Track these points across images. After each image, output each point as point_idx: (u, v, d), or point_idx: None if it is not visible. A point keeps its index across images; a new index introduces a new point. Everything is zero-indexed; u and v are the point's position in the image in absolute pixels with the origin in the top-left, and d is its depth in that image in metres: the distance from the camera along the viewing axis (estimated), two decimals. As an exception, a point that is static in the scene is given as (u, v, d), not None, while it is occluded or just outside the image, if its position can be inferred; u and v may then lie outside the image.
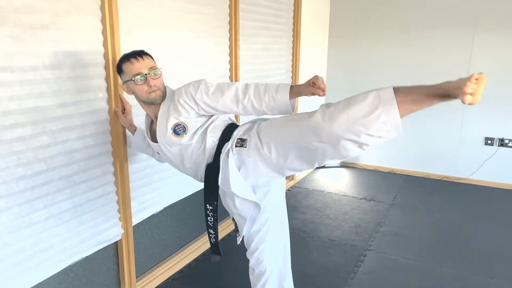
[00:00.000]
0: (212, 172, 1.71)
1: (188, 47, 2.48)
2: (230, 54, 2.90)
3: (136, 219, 2.26)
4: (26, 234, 1.70)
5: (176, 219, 2.64)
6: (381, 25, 4.33)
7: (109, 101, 2.00)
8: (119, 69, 1.73)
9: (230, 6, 2.82)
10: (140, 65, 1.67)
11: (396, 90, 1.37)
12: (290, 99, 1.57)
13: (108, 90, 1.99)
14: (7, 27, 1.54)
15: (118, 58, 1.97)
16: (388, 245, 2.94)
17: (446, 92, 1.32)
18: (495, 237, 3.05)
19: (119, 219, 2.15)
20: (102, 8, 1.90)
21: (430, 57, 4.17)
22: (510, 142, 4.00)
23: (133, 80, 1.67)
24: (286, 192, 3.92)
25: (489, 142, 4.09)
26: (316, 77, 1.55)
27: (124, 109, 2.05)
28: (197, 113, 1.70)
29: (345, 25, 4.52)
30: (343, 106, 1.42)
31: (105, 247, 2.13)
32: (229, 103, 1.63)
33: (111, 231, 2.10)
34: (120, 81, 2.00)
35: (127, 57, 1.69)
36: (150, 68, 1.69)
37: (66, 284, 1.96)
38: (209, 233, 1.84)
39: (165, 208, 2.50)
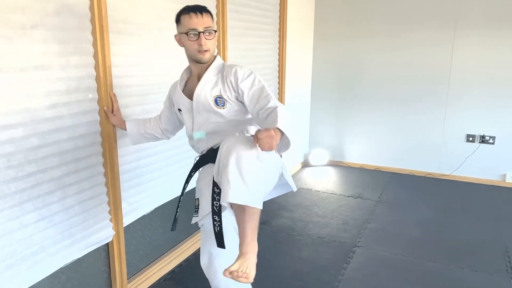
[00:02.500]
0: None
1: (175, 47, 2.47)
2: (218, 54, 2.90)
3: (127, 220, 2.25)
4: (17, 237, 1.68)
5: (167, 220, 2.64)
6: (365, 23, 4.40)
7: (99, 102, 1.99)
8: (178, 19, 1.72)
9: (217, 6, 2.82)
10: (198, 21, 1.65)
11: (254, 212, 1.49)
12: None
13: (98, 90, 1.98)
14: (-3, 27, 1.53)
15: (108, 58, 1.98)
16: (376, 241, 2.99)
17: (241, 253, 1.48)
18: (478, 232, 3.14)
19: (110, 220, 2.13)
20: (91, 8, 1.89)
21: (413, 54, 4.25)
22: (491, 139, 4.12)
23: (187, 34, 1.67)
24: (274, 191, 3.94)
25: (470, 139, 4.19)
26: (263, 131, 1.42)
27: (113, 108, 2.03)
28: (236, 97, 1.71)
29: (329, 23, 4.57)
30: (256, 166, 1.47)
31: (96, 248, 2.11)
32: (254, 110, 1.66)
33: (102, 233, 2.09)
34: (109, 80, 2.00)
35: (188, 10, 1.67)
36: (207, 27, 1.67)
37: (57, 287, 1.94)
38: (213, 220, 1.69)
39: (155, 209, 2.49)
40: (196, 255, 2.78)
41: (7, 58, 1.57)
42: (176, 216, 1.91)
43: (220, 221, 1.76)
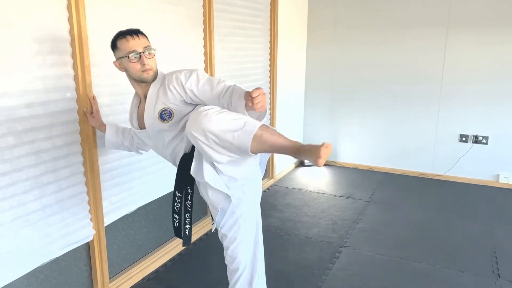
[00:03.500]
0: (186, 161, 1.72)
1: (161, 47, 2.46)
2: (205, 54, 2.90)
3: (108, 219, 2.25)
4: (-9, 236, 1.68)
5: (151, 219, 2.64)
6: (358, 24, 4.39)
7: (77, 101, 1.99)
8: (114, 45, 1.73)
9: (204, 6, 2.82)
10: (135, 43, 1.68)
11: (262, 128, 1.48)
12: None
13: (76, 90, 1.98)
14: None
15: (86, 57, 1.98)
16: (363, 241, 2.97)
17: (300, 153, 1.50)
18: (468, 233, 3.12)
19: (91, 219, 2.13)
20: (69, 8, 1.89)
21: (406, 54, 4.23)
22: (484, 139, 4.09)
23: (127, 57, 1.68)
24: (265, 191, 3.94)
25: (463, 139, 4.17)
26: (255, 89, 1.47)
27: (92, 109, 2.04)
28: (184, 100, 1.72)
29: (323, 24, 4.56)
30: (223, 114, 1.47)
31: (77, 248, 2.11)
32: (213, 98, 1.66)
33: (82, 232, 2.09)
34: (88, 79, 2.00)
35: (123, 34, 1.69)
36: (145, 47, 1.70)
37: (35, 286, 1.94)
38: (173, 218, 1.86)
39: (139, 208, 2.49)
40: (181, 255, 2.78)
41: (-20, 57, 1.57)
42: (187, 233, 1.90)
43: (180, 219, 1.81)
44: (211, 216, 1.89)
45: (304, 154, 1.49)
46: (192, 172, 1.66)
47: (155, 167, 2.51)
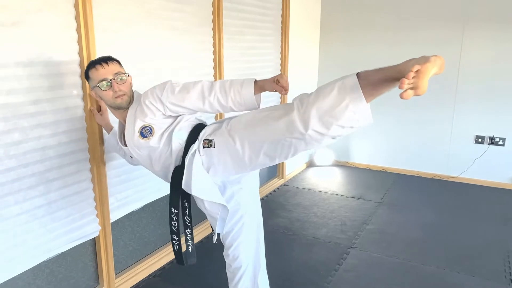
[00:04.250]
0: (179, 174, 1.69)
1: (169, 46, 2.49)
2: (214, 52, 2.91)
3: (114, 216, 2.27)
4: (-3, 230, 1.71)
5: (158, 216, 2.65)
6: (373, 20, 4.32)
7: (84, 98, 2.02)
8: (87, 76, 1.74)
9: (213, 4, 2.82)
10: (105, 71, 1.68)
11: (359, 76, 1.35)
12: (255, 94, 1.57)
13: (83, 87, 2.00)
14: (-24, 24, 1.56)
15: (93, 55, 1.99)
16: (372, 243, 2.93)
17: (400, 75, 1.23)
18: (481, 236, 3.04)
19: (96, 215, 2.16)
20: (76, 6, 1.91)
21: (420, 52, 4.13)
22: (501, 141, 3.98)
23: (99, 86, 1.69)
24: (274, 191, 3.93)
25: (479, 140, 4.07)
26: (281, 75, 1.57)
27: (100, 107, 2.06)
28: (163, 114, 1.69)
29: (336, 23, 4.51)
30: (313, 99, 1.41)
31: (83, 243, 2.14)
32: (195, 100, 1.63)
33: (88, 228, 2.12)
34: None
35: (93, 64, 1.70)
36: (116, 73, 1.69)
37: (41, 280, 1.98)
38: (172, 239, 1.82)
39: (145, 205, 2.51)
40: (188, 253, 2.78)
41: (-14, 54, 1.61)
42: (190, 250, 1.85)
43: (179, 240, 1.78)
44: (211, 227, 1.87)
45: (411, 63, 1.23)
46: (183, 185, 1.64)
47: (162, 164, 2.53)
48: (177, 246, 1.82)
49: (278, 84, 1.56)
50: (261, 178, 1.93)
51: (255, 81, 1.59)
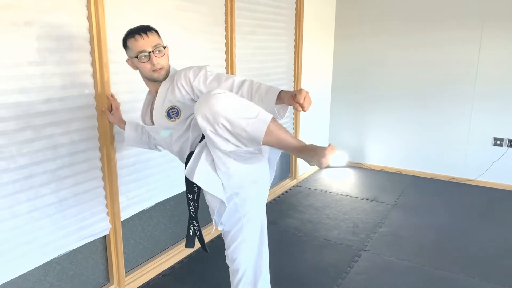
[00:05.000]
0: None
1: (181, 45, 2.49)
2: (226, 52, 2.90)
3: (125, 214, 2.29)
4: (8, 226, 1.74)
5: (169, 216, 2.66)
6: (388, 21, 4.26)
7: (96, 97, 2.04)
8: (124, 44, 1.73)
9: (226, 4, 2.82)
10: (144, 43, 1.65)
11: (272, 120, 1.45)
12: (277, 104, 1.54)
13: (95, 86, 2.02)
14: (-11, 24, 1.59)
15: (104, 55, 2.02)
16: (384, 246, 2.88)
17: (304, 152, 1.46)
18: (498, 241, 2.96)
19: (107, 214, 2.18)
20: (88, 6, 1.93)
21: (437, 53, 4.08)
22: (520, 143, 3.88)
23: (137, 57, 1.67)
24: (287, 191, 3.91)
25: (498, 142, 3.97)
26: (300, 90, 1.44)
27: (112, 107, 2.07)
28: (192, 99, 1.70)
29: (351, 21, 4.46)
30: (236, 99, 1.46)
31: (93, 241, 2.16)
32: None
33: (98, 226, 2.14)
34: (106, 76, 2.04)
35: (132, 33, 1.67)
36: (155, 45, 1.67)
37: (52, 277, 2.00)
38: (189, 225, 1.83)
39: (156, 204, 2.52)
40: (199, 252, 2.79)
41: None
42: (197, 233, 1.88)
43: (199, 225, 1.78)
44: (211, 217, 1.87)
45: (309, 153, 1.44)
46: (186, 171, 1.63)
47: (173, 163, 2.53)
48: (192, 232, 1.83)
49: (294, 99, 1.44)
50: (273, 178, 1.90)
51: (281, 91, 1.55)
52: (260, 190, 1.78)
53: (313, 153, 1.43)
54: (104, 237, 2.23)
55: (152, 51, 1.67)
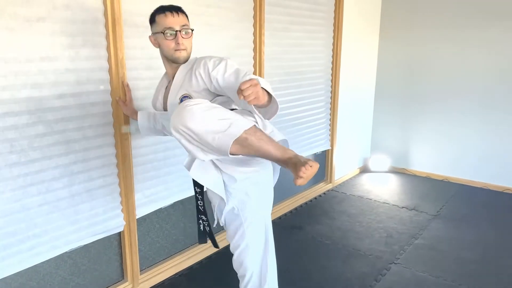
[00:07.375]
0: None
1: (204, 42, 2.44)
2: (254, 50, 2.82)
3: (141, 212, 2.27)
4: (18, 219, 1.77)
5: (189, 215, 2.63)
6: (437, 17, 3.95)
7: (111, 94, 2.03)
8: (152, 19, 1.70)
9: (254, 0, 2.74)
10: (174, 20, 1.63)
11: (250, 131, 1.37)
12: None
13: (110, 82, 2.02)
14: (3, 19, 1.62)
15: (120, 51, 2.00)
16: (418, 260, 2.65)
17: (288, 165, 1.38)
18: (552, 262, 2.62)
19: (122, 210, 2.17)
20: (104, 2, 1.93)
21: (493, 49, 3.71)
22: None
23: (163, 33, 1.64)
24: (320, 196, 3.75)
25: (562, 151, 3.54)
26: (245, 81, 1.28)
27: (126, 98, 2.06)
28: (208, 89, 1.64)
29: (398, 16, 4.19)
30: (211, 111, 1.37)
31: (108, 237, 2.17)
32: (234, 94, 1.54)
33: (112, 222, 2.13)
34: (121, 72, 2.02)
35: (163, 10, 1.66)
36: (183, 25, 1.64)
37: (63, 270, 2.03)
38: (198, 219, 1.80)
39: (175, 203, 2.49)
40: (218, 253, 2.73)
41: (11, 49, 1.66)
42: (207, 228, 1.86)
43: (208, 220, 1.73)
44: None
45: (290, 168, 1.36)
46: (185, 163, 1.58)
47: (193, 163, 2.49)
48: (202, 227, 1.81)
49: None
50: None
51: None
52: (262, 194, 1.68)
53: (292, 169, 1.34)
54: (119, 233, 2.23)
55: (179, 31, 1.63)
